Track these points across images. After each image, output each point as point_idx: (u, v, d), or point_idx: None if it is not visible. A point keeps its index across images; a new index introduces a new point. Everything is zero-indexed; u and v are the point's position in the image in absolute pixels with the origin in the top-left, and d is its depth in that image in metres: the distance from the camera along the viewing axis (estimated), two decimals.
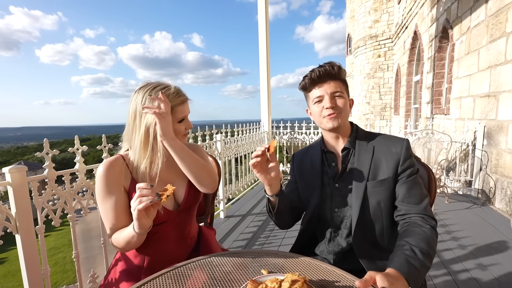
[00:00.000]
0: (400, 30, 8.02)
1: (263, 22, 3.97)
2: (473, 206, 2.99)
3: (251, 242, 2.25)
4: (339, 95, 0.85)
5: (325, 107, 0.84)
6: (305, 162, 0.99)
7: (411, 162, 0.84)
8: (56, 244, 12.77)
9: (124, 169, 0.85)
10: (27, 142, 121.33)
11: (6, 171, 1.11)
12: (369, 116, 10.43)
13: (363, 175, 0.84)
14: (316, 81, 0.86)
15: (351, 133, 0.91)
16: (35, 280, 1.19)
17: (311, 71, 0.87)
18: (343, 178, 0.88)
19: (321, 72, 0.84)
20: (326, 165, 0.93)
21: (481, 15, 3.41)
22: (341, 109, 0.85)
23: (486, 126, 3.27)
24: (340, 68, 0.85)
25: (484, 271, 1.74)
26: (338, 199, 0.89)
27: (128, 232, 0.75)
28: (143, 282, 0.70)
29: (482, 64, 3.41)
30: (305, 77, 0.89)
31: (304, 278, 0.60)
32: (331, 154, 0.91)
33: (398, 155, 0.83)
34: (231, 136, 3.30)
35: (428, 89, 5.65)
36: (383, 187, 0.83)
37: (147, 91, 0.82)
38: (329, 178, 0.91)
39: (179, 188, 0.92)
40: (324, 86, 0.85)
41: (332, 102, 0.84)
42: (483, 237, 2.22)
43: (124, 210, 0.82)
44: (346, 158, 0.89)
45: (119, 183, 0.83)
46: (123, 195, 0.83)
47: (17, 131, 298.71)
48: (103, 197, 0.81)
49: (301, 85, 0.91)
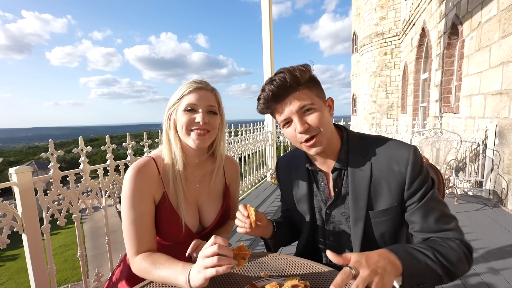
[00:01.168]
0: (407, 27, 7.86)
1: (266, 21, 3.95)
2: (484, 207, 2.90)
3: (254, 243, 2.23)
4: (309, 108, 0.67)
5: (297, 131, 0.67)
6: (289, 178, 0.85)
7: (421, 181, 0.66)
8: (66, 242, 13.09)
9: (156, 175, 0.76)
10: (38, 142, 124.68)
11: (13, 172, 1.13)
12: (376, 115, 10.27)
13: (360, 203, 0.69)
14: (272, 102, 0.68)
15: (341, 146, 0.74)
16: (41, 278, 1.21)
17: (262, 89, 0.69)
18: (336, 204, 0.75)
19: (273, 91, 0.66)
20: (315, 185, 0.78)
21: (493, 9, 3.30)
22: (317, 128, 0.67)
23: (498, 124, 3.16)
24: (296, 71, 0.66)
25: (496, 275, 1.68)
26: (332, 226, 0.77)
27: (171, 277, 0.63)
28: (145, 283, 0.69)
29: (493, 61, 3.30)
30: (258, 100, 0.70)
31: (305, 283, 0.58)
32: (318, 173, 0.77)
33: (403, 176, 0.66)
34: (235, 136, 3.30)
35: (437, 87, 5.51)
36: (388, 217, 0.68)
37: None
38: (319, 201, 0.78)
39: (209, 211, 0.85)
40: (285, 106, 0.67)
41: (303, 123, 0.66)
42: (495, 239, 2.14)
43: (150, 225, 0.75)
44: (338, 180, 0.73)
45: (149, 192, 0.75)
46: (152, 206, 0.75)
47: (28, 132, 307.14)
48: (129, 205, 0.72)
49: (258, 110, 0.73)
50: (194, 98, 0.75)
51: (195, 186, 0.84)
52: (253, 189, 3.84)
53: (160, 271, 0.66)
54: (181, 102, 0.76)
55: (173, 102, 0.78)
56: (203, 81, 0.79)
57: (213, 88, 0.81)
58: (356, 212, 0.70)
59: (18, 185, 1.13)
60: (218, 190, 0.89)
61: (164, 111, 0.80)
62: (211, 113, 0.78)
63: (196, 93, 0.76)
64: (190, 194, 0.82)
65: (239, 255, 0.60)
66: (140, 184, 0.73)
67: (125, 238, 0.73)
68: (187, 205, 0.81)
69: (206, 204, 0.85)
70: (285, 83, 0.65)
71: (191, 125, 0.75)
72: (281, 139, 4.70)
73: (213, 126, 0.78)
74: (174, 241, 0.81)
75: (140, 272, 0.71)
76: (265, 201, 3.30)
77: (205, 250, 0.58)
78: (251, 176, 3.79)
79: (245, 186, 3.63)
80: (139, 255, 0.72)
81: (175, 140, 0.78)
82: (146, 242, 0.73)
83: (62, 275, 9.96)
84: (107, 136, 1.54)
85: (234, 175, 0.95)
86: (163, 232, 0.79)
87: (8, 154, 65.94)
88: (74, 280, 9.54)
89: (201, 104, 0.76)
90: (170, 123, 0.78)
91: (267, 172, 4.37)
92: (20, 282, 9.91)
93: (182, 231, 0.77)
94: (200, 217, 0.85)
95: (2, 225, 1.10)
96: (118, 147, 1.62)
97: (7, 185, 1.12)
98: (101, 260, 9.90)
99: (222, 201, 0.89)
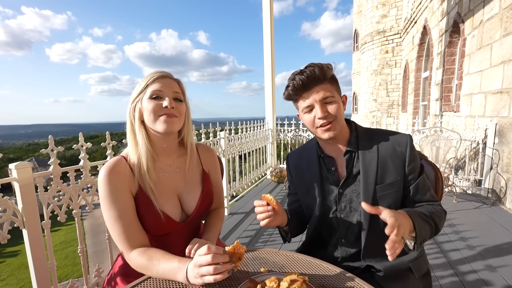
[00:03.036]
0: (409, 25, 7.82)
1: (267, 19, 3.93)
2: (482, 205, 2.91)
3: (254, 240, 2.25)
4: (330, 101, 0.78)
5: (317, 117, 0.78)
6: (301, 168, 0.93)
7: (417, 161, 0.81)
8: (67, 238, 13.14)
9: (128, 172, 0.77)
10: (38, 139, 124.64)
11: (13, 168, 1.13)
12: (376, 114, 10.26)
13: (371, 178, 0.79)
14: (300, 90, 0.78)
15: (351, 133, 0.85)
16: (42, 273, 1.22)
17: (292, 79, 0.79)
18: (348, 182, 0.83)
19: (304, 80, 0.76)
20: (325, 170, 0.87)
21: (494, 7, 3.28)
22: (334, 116, 0.78)
23: (498, 123, 3.16)
24: (323, 67, 0.76)
25: (493, 273, 1.69)
26: (343, 204, 0.84)
27: (169, 274, 0.65)
28: (144, 278, 0.70)
29: (494, 59, 3.29)
30: (287, 87, 0.81)
31: (304, 278, 0.59)
32: (329, 158, 0.86)
33: (404, 155, 0.79)
34: (235, 133, 3.30)
35: (437, 86, 5.50)
36: (393, 189, 0.79)
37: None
38: (330, 184, 0.86)
39: (190, 198, 0.86)
40: (311, 94, 0.77)
41: (324, 110, 0.77)
42: (493, 237, 2.16)
43: (134, 219, 0.75)
44: (349, 161, 0.83)
45: (125, 188, 0.76)
46: (131, 201, 0.76)
47: (28, 129, 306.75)
48: (108, 205, 0.73)
49: (285, 96, 0.83)
50: (159, 86, 0.76)
51: (172, 175, 0.85)
52: (253, 187, 3.86)
53: (157, 267, 0.67)
54: (145, 92, 0.77)
55: (137, 93, 0.77)
56: (166, 71, 0.81)
57: (177, 78, 0.83)
58: (366, 187, 0.79)
59: (18, 180, 1.13)
60: (195, 177, 0.90)
61: (127, 106, 0.79)
62: (176, 100, 0.79)
63: (160, 81, 0.77)
64: (167, 183, 0.83)
65: (235, 255, 0.60)
66: (114, 182, 0.74)
67: (114, 236, 0.74)
68: (165, 194, 0.81)
69: (185, 192, 0.86)
70: (314, 75, 0.75)
71: (158, 110, 0.76)
72: (281, 137, 4.70)
73: (180, 112, 0.79)
74: (159, 233, 0.81)
75: (138, 268, 0.71)
76: None
77: (199, 259, 0.59)
78: (251, 174, 3.79)
79: (245, 184, 3.63)
80: (133, 251, 0.73)
81: (140, 130, 0.78)
82: (135, 236, 0.74)
83: (62, 271, 10.03)
84: (107, 133, 1.54)
85: (211, 162, 0.96)
86: (146, 225, 0.79)
87: (8, 151, 65.97)
88: (74, 276, 9.60)
89: (167, 91, 0.77)
90: (135, 114, 0.78)
91: (267, 170, 4.38)
92: (21, 278, 9.97)
93: (162, 220, 0.78)
94: (182, 205, 0.86)
95: (3, 221, 1.10)
96: (118, 144, 1.62)
97: (7, 181, 1.12)
98: (102, 257, 9.96)
99: (201, 187, 0.89)
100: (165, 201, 0.81)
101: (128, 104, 0.80)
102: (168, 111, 0.76)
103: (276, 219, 0.76)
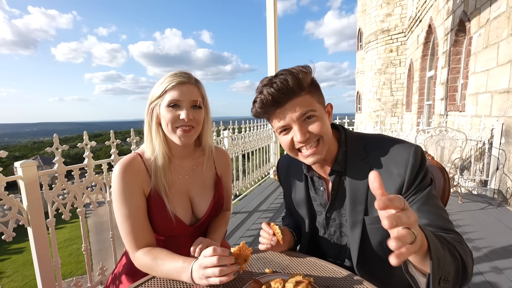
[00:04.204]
0: (414, 23, 7.73)
1: (271, 18, 3.91)
2: (488, 206, 2.87)
3: (257, 239, 2.24)
4: (311, 116, 0.62)
5: (296, 140, 0.64)
6: (289, 182, 0.85)
7: (421, 183, 0.62)
8: (71, 236, 13.28)
9: (143, 170, 0.77)
10: (43, 137, 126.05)
11: (18, 166, 1.14)
12: (380, 113, 10.18)
13: (359, 207, 0.66)
14: (271, 106, 0.61)
15: (339, 147, 0.70)
16: (46, 271, 1.23)
17: (259, 91, 0.62)
18: (335, 206, 0.73)
19: (274, 94, 0.59)
20: (313, 191, 0.77)
21: (502, 6, 3.23)
22: (318, 135, 0.63)
23: (505, 123, 3.11)
24: (298, 74, 0.60)
25: (499, 275, 1.67)
26: (332, 229, 0.76)
27: (173, 274, 0.64)
28: (149, 278, 0.70)
29: (501, 58, 3.24)
30: (254, 102, 0.64)
31: (309, 279, 0.58)
32: (317, 177, 0.75)
33: (401, 178, 0.62)
34: (239, 132, 3.29)
35: (443, 85, 5.43)
36: None
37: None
38: (318, 206, 0.77)
39: (202, 202, 0.84)
40: (286, 112, 0.61)
41: (304, 132, 0.62)
42: (499, 239, 2.13)
43: (144, 219, 0.75)
44: (335, 183, 0.71)
45: (138, 187, 0.75)
46: (143, 201, 0.76)
47: (33, 127, 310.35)
48: (120, 203, 0.73)
49: (252, 113, 0.67)
50: (177, 94, 0.73)
51: (185, 177, 0.84)
52: (256, 186, 3.85)
53: (161, 267, 0.67)
54: (164, 97, 0.74)
55: (155, 96, 0.76)
56: (185, 74, 0.76)
57: (197, 81, 0.79)
58: (353, 216, 0.67)
59: (23, 178, 1.14)
60: (209, 181, 0.89)
61: (146, 104, 0.78)
62: (195, 107, 0.77)
63: (179, 88, 0.74)
64: (180, 186, 0.82)
65: (240, 256, 0.59)
66: (128, 180, 0.73)
67: (122, 234, 0.74)
68: (178, 197, 0.81)
69: (198, 195, 0.85)
70: (287, 87, 0.59)
71: (175, 122, 0.74)
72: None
73: (198, 121, 0.77)
74: (168, 235, 0.81)
75: (142, 267, 0.72)
76: (268, 198, 3.30)
77: (205, 260, 0.58)
78: (254, 173, 3.79)
79: (248, 183, 3.63)
80: (139, 250, 0.73)
81: (156, 134, 0.77)
82: (143, 236, 0.74)
83: (66, 269, 10.13)
84: (111, 131, 1.54)
85: (225, 166, 0.95)
86: (155, 226, 0.79)
87: (13, 149, 66.82)
88: (78, 274, 9.70)
89: (185, 100, 0.74)
90: (153, 117, 0.77)
91: (270, 169, 4.37)
92: (26, 275, 10.10)
93: (173, 223, 0.77)
94: (193, 208, 0.85)
95: (8, 218, 1.11)
96: (122, 142, 1.62)
97: (12, 179, 1.13)
98: (105, 255, 10.04)
99: (213, 191, 0.88)
100: (177, 204, 0.80)
101: (146, 103, 0.79)
102: (185, 123, 0.74)
103: (278, 249, 0.75)
